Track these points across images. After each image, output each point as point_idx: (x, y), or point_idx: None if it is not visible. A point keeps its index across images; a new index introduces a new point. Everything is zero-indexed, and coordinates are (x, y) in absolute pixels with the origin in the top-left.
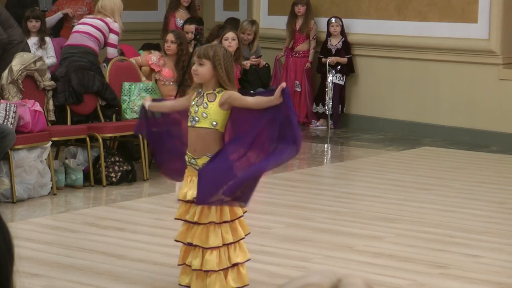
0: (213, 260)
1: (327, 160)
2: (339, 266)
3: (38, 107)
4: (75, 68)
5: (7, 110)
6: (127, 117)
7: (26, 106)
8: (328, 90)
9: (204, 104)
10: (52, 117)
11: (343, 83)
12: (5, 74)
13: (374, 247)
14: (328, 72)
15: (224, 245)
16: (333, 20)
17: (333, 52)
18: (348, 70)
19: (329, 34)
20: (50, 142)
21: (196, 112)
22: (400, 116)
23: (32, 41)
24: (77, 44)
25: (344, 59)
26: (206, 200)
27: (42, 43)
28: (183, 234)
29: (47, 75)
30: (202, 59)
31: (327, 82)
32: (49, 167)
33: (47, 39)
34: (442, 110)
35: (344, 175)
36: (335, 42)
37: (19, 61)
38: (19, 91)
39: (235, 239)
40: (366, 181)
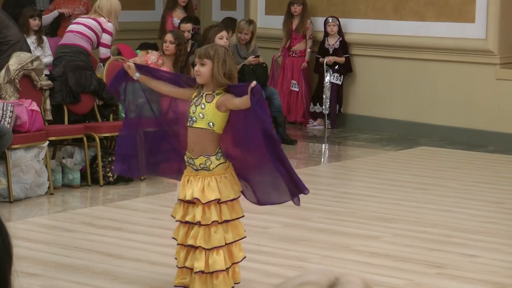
0: (221, 260)
1: (324, 160)
2: (336, 266)
3: (35, 106)
4: (72, 67)
5: (4, 110)
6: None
7: (23, 106)
8: (325, 89)
9: (202, 104)
10: (49, 116)
11: (340, 83)
12: (2, 73)
13: (371, 247)
14: (325, 71)
15: (226, 244)
16: (330, 20)
17: (330, 52)
18: (345, 69)
19: (326, 34)
20: (47, 142)
21: (194, 112)
22: (397, 116)
23: (30, 40)
24: (69, 43)
25: (342, 59)
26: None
27: (40, 41)
28: (184, 236)
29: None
30: (203, 59)
31: (324, 82)
32: (46, 167)
33: (44, 38)
34: (439, 110)
35: (341, 175)
36: (332, 42)
37: (16, 60)
38: (16, 91)
39: (235, 238)
40: (363, 181)
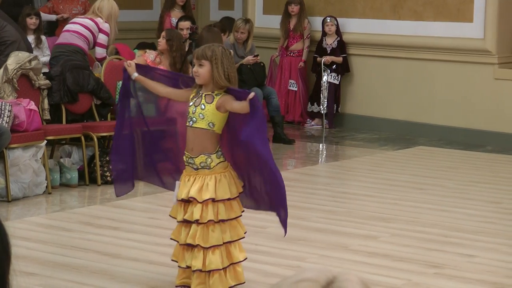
0: (216, 259)
1: (322, 159)
2: (334, 266)
3: (33, 106)
4: (70, 67)
5: (2, 109)
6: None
7: (21, 105)
8: (323, 89)
9: (201, 105)
10: (47, 116)
11: (338, 83)
12: (0, 73)
13: (369, 246)
14: (323, 71)
15: (224, 243)
16: (328, 19)
17: (328, 52)
18: (343, 69)
19: (324, 34)
20: (45, 141)
21: (193, 113)
22: (395, 116)
23: (29, 39)
24: (66, 43)
25: (339, 59)
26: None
27: (38, 42)
28: (185, 237)
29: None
30: (201, 60)
31: (322, 82)
32: (44, 166)
33: (43, 38)
34: (437, 109)
35: (339, 175)
36: (330, 42)
37: (14, 60)
38: (14, 90)
39: (234, 237)
40: (361, 180)
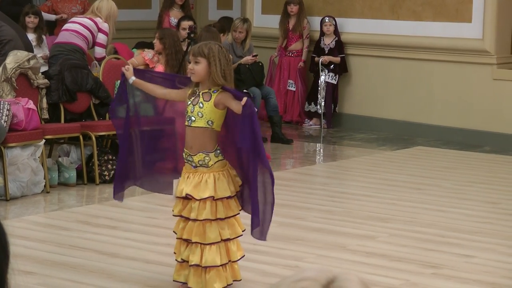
0: (213, 256)
1: (320, 159)
2: (332, 266)
3: (31, 105)
4: (68, 66)
5: (1, 108)
6: (120, 115)
7: (19, 104)
8: (320, 89)
9: (199, 103)
10: (46, 115)
11: (335, 83)
12: None
13: (366, 246)
14: (320, 71)
15: (222, 240)
16: (326, 19)
17: (326, 52)
18: (341, 69)
19: (322, 34)
20: (44, 140)
21: (192, 112)
22: (393, 116)
23: (29, 38)
24: (65, 42)
25: (337, 58)
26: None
27: (39, 41)
28: (182, 231)
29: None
30: (197, 57)
31: (319, 81)
32: (42, 165)
33: (44, 36)
34: (435, 109)
35: (337, 175)
36: (328, 42)
37: (13, 59)
38: (13, 89)
39: (232, 235)
40: (359, 180)
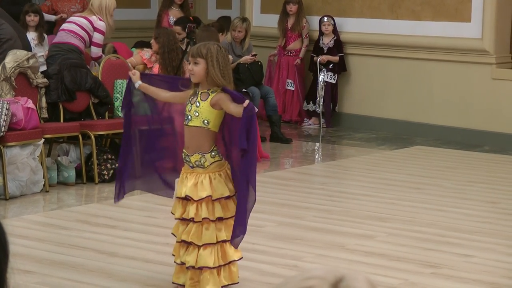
0: (206, 256)
1: (319, 158)
2: (331, 265)
3: (30, 104)
4: (67, 65)
5: (0, 107)
6: (120, 114)
7: (18, 103)
8: (319, 88)
9: (197, 102)
10: (45, 114)
11: (334, 82)
12: None
13: (365, 246)
14: (319, 70)
15: (218, 242)
16: (325, 19)
17: (325, 51)
18: (340, 68)
19: (321, 33)
20: (43, 139)
21: (189, 111)
22: (392, 115)
23: (31, 36)
24: (62, 42)
25: (336, 58)
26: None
27: (40, 39)
28: (182, 233)
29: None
30: (196, 58)
31: (318, 81)
32: (41, 164)
33: (45, 35)
34: (435, 109)
35: (336, 174)
36: (327, 41)
37: (12, 58)
38: (12, 88)
39: (229, 237)
40: (358, 180)
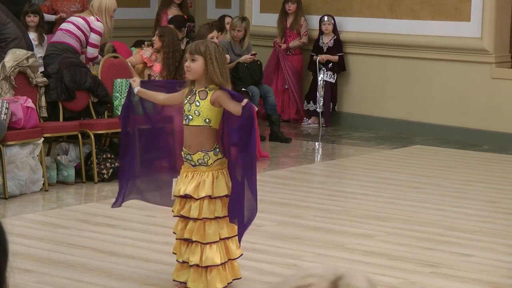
0: (213, 255)
1: (318, 158)
2: (330, 264)
3: (30, 103)
4: (67, 65)
5: (0, 107)
6: (119, 114)
7: (18, 103)
8: (319, 88)
9: (196, 102)
10: (44, 113)
11: (334, 81)
12: None
13: (365, 245)
14: (318, 70)
15: (221, 239)
16: (325, 18)
17: (324, 50)
18: (339, 68)
19: (321, 32)
20: (42, 139)
21: (189, 111)
22: (392, 115)
23: (31, 36)
24: (58, 41)
25: (335, 57)
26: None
27: (41, 40)
28: (182, 231)
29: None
30: (194, 55)
31: (318, 80)
32: (41, 164)
33: (44, 35)
34: (434, 108)
35: (335, 173)
36: (327, 40)
37: (11, 57)
38: (12, 88)
39: (230, 234)
40: (357, 179)
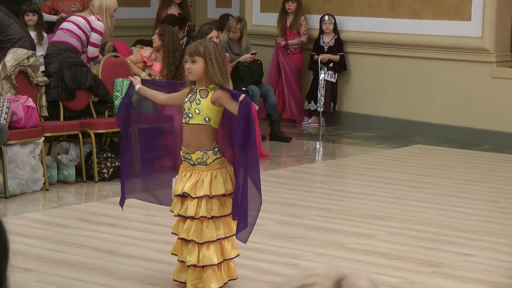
0: (210, 255)
1: (318, 157)
2: (333, 264)
3: (31, 102)
4: (67, 64)
5: (0, 106)
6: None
7: (19, 102)
8: (320, 87)
9: (196, 100)
10: (45, 112)
11: (334, 81)
12: None
13: (365, 245)
14: (320, 69)
15: (218, 239)
16: (326, 17)
17: (325, 50)
18: (340, 67)
19: (321, 31)
20: (43, 138)
21: (189, 109)
22: (392, 114)
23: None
24: (58, 41)
25: (336, 57)
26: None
27: (39, 39)
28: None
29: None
30: (194, 56)
31: (319, 80)
32: (41, 163)
33: (44, 35)
34: (435, 108)
35: (336, 173)
36: (327, 40)
37: (12, 57)
38: (12, 87)
39: (227, 234)
40: (358, 178)
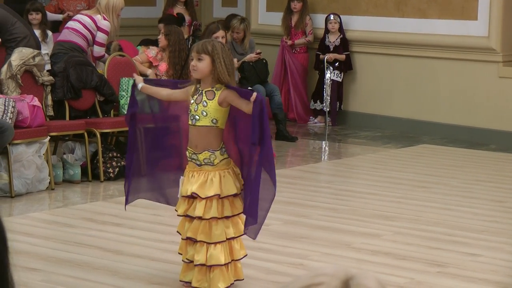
0: (218, 254)
1: (324, 157)
2: (340, 264)
3: (36, 102)
4: (73, 63)
5: (6, 105)
6: (125, 112)
7: (24, 101)
8: (326, 87)
9: (203, 102)
10: (51, 112)
11: (340, 80)
12: (4, 69)
13: (371, 244)
14: (325, 69)
15: (227, 239)
16: (331, 17)
17: (331, 49)
18: (346, 67)
19: (327, 31)
20: (48, 137)
21: (196, 111)
22: (398, 114)
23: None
24: (64, 40)
25: (342, 56)
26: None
27: (44, 37)
28: (186, 229)
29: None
30: (201, 54)
31: (325, 79)
32: (47, 162)
33: (49, 33)
34: (441, 107)
35: (342, 173)
36: (333, 39)
37: (18, 56)
38: (18, 86)
39: (236, 234)
40: (364, 178)
